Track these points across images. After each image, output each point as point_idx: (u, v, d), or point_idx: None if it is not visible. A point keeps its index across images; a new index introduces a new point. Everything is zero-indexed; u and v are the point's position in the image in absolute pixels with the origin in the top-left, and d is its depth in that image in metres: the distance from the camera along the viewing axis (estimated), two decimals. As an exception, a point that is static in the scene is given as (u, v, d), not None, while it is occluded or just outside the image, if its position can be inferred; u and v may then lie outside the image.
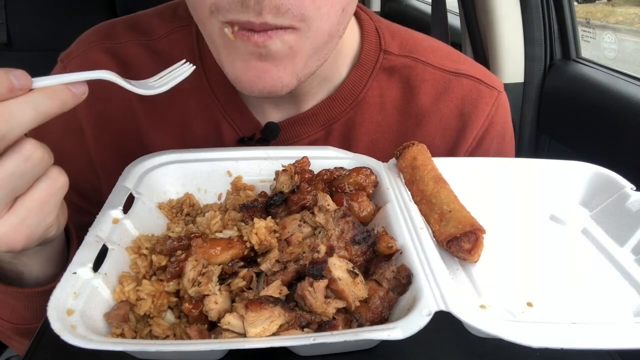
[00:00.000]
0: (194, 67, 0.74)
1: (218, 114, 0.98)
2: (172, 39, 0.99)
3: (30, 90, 0.56)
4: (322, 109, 0.98)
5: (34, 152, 0.57)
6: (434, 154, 0.87)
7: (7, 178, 0.56)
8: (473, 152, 1.03)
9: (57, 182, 0.62)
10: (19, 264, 0.77)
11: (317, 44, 0.76)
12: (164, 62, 0.97)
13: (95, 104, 0.98)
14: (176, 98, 0.98)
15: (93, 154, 1.00)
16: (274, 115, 0.99)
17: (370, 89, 0.99)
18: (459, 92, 1.00)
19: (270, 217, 0.74)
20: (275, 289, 0.63)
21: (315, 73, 0.90)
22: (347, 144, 0.99)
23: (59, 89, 0.58)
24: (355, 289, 0.64)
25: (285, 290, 0.64)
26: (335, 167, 0.86)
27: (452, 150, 1.02)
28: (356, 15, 1.02)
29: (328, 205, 0.75)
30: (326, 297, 0.63)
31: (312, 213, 0.75)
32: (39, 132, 0.62)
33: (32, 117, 0.55)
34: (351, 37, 1.00)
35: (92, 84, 0.99)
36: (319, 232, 0.73)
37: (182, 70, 0.73)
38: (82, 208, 1.03)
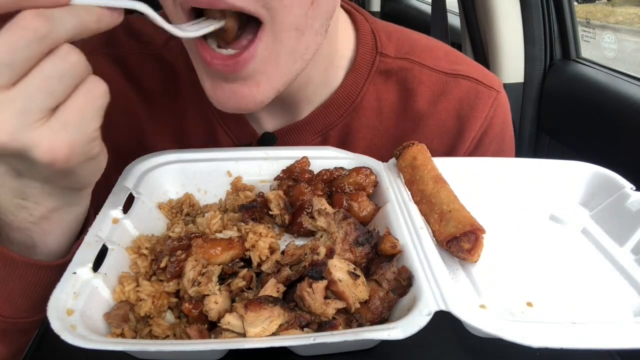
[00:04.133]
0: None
1: (214, 122, 0.98)
2: (170, 47, 1.00)
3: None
4: (318, 116, 0.97)
5: (69, 52, 0.57)
6: (432, 157, 0.87)
7: (46, 80, 0.56)
8: (472, 154, 1.02)
9: (95, 88, 0.61)
10: (38, 231, 0.72)
11: (286, 40, 0.74)
12: (168, 70, 0.99)
13: None
14: (175, 103, 0.99)
15: None
16: (271, 122, 0.99)
17: (366, 93, 0.98)
18: (457, 93, 1.00)
19: (271, 233, 0.74)
20: (272, 287, 0.63)
21: (310, 78, 0.89)
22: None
23: (96, 9, 0.58)
24: (356, 291, 0.64)
25: (282, 288, 0.64)
26: (335, 167, 0.86)
27: (450, 153, 1.01)
28: (351, 16, 1.02)
29: (325, 208, 0.75)
30: (326, 297, 0.63)
31: (312, 217, 0.75)
32: None
33: (73, 24, 0.55)
34: (346, 39, 0.99)
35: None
36: (321, 236, 0.73)
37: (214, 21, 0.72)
38: None
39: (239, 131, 0.98)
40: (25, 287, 0.74)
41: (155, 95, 0.99)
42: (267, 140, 0.97)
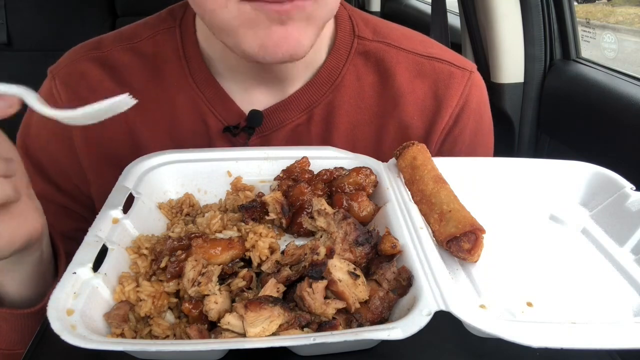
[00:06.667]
0: (136, 101, 0.70)
1: (204, 107, 1.00)
2: (156, 40, 1.02)
3: None
4: (303, 94, 1.01)
5: None
6: (413, 134, 0.88)
7: None
8: (450, 131, 1.05)
9: None
10: None
11: (325, 15, 0.82)
12: (150, 62, 1.00)
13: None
14: (163, 96, 1.00)
15: (82, 157, 1.01)
16: (257, 103, 1.01)
17: (347, 72, 1.02)
18: (432, 75, 1.04)
19: (271, 233, 0.74)
20: (272, 287, 0.63)
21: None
22: (328, 127, 1.02)
23: None
24: (356, 291, 0.64)
25: (282, 288, 0.64)
26: (335, 167, 0.86)
27: (430, 130, 1.04)
28: None
29: (325, 208, 0.75)
30: (326, 297, 0.63)
31: (312, 218, 0.75)
32: (29, 135, 0.59)
33: None
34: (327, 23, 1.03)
35: (80, 88, 0.99)
36: (321, 236, 0.73)
37: (121, 103, 0.69)
38: (66, 207, 1.04)
39: (227, 112, 1.00)
40: (10, 327, 0.78)
41: (141, 88, 1.00)
42: (254, 117, 0.99)
